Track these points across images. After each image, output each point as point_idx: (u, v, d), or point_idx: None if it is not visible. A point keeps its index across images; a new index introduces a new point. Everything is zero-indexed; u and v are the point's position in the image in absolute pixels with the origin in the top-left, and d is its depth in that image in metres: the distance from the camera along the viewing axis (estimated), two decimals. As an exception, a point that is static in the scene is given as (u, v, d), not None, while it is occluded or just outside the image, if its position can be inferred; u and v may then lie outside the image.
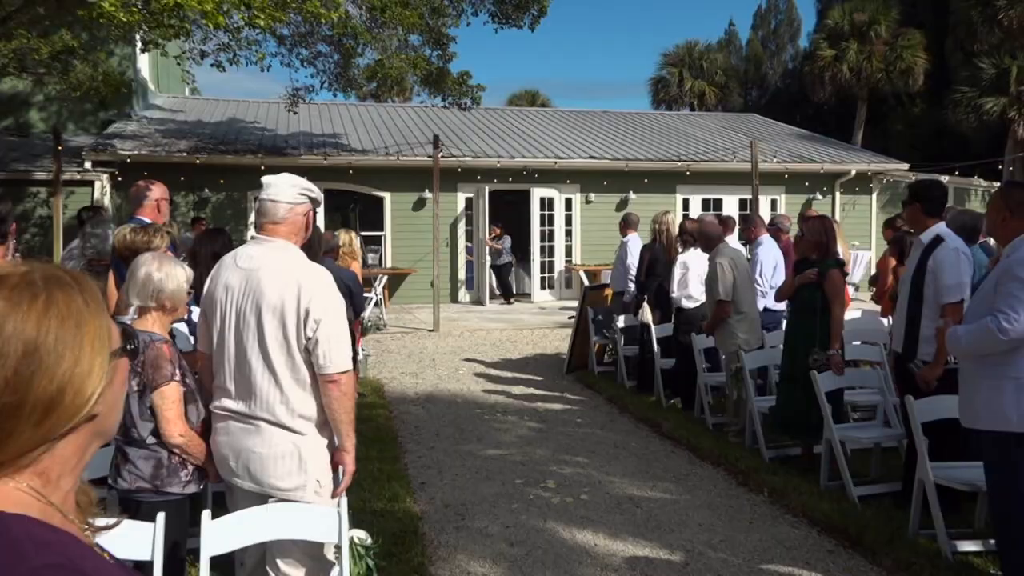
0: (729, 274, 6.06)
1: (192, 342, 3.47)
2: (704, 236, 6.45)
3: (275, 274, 2.67)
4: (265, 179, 2.80)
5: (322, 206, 3.08)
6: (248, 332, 2.67)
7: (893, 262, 6.56)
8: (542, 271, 17.16)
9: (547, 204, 16.37)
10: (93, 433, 0.92)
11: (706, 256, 7.15)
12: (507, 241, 16.31)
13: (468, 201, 16.17)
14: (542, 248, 16.43)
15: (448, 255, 15.82)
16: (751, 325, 6.17)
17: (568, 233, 16.67)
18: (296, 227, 2.78)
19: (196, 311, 3.32)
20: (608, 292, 9.40)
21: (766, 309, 6.95)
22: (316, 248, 3.37)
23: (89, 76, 12.24)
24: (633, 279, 8.36)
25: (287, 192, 2.76)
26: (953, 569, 3.73)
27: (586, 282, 14.79)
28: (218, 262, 2.89)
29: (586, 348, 9.10)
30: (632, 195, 16.65)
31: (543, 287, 16.52)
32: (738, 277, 6.11)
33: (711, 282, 6.21)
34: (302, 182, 2.82)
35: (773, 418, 5.54)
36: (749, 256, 7.37)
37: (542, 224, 16.20)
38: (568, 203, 16.59)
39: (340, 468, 2.75)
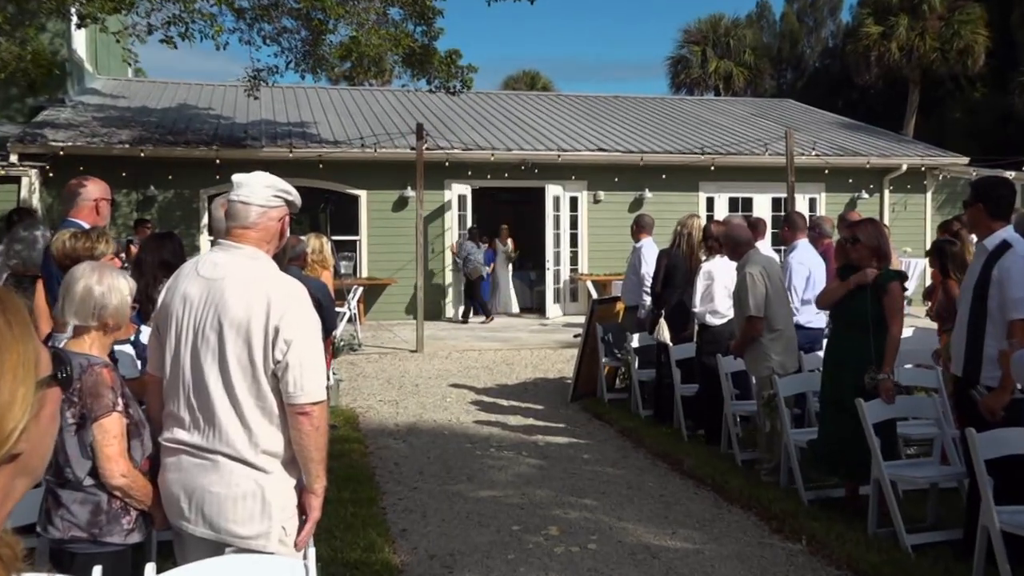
0: (761, 285, 6.04)
1: (139, 367, 3.48)
2: (731, 241, 6.41)
3: (242, 285, 2.68)
4: (236, 177, 2.83)
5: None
6: (207, 352, 2.68)
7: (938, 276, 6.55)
8: (540, 283, 17.21)
9: (552, 204, 16.49)
10: (16, 474, 0.91)
11: (734, 265, 7.20)
12: (499, 248, 16.40)
13: (457, 200, 16.29)
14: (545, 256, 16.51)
15: (435, 263, 15.96)
16: (787, 345, 6.17)
17: (573, 238, 16.80)
18: (268, 233, 2.80)
19: (146, 332, 3.32)
20: (619, 306, 9.41)
21: (799, 327, 6.95)
22: (280, 255, 3.38)
23: (15, 55, 12.27)
24: (648, 291, 8.41)
25: (260, 193, 2.78)
26: (1022, 630, 3.79)
27: (594, 294, 14.83)
28: (177, 270, 2.92)
29: (594, 372, 9.12)
30: (648, 193, 16.73)
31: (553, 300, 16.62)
32: (771, 289, 6.10)
33: (740, 295, 6.18)
34: (278, 182, 2.84)
35: (813, 453, 5.54)
36: (782, 263, 7.41)
37: (548, 227, 16.28)
38: (573, 203, 16.71)
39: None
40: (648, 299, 8.48)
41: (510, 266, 17.11)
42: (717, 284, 7.09)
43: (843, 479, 5.55)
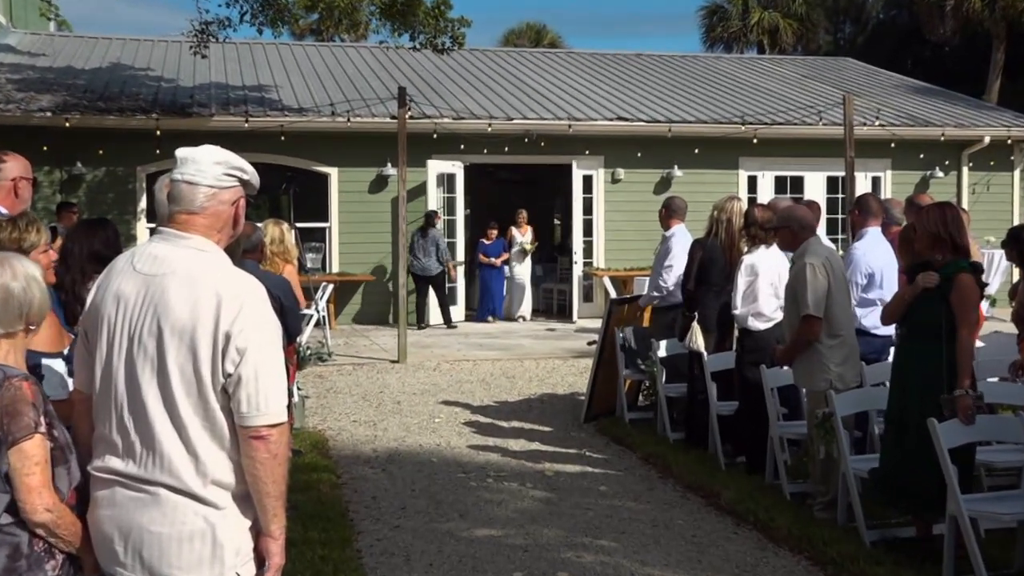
0: (823, 279, 5.99)
1: (70, 387, 3.47)
2: (793, 222, 6.34)
3: (187, 283, 2.68)
4: (181, 152, 2.82)
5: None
6: (145, 362, 2.67)
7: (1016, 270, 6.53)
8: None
9: (580, 183, 16.41)
10: None
11: (780, 257, 7.11)
12: (515, 239, 16.39)
13: (446, 180, 16.29)
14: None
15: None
16: (848, 354, 6.13)
17: (587, 225, 16.82)
18: (220, 220, 2.80)
19: None
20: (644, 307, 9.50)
21: (862, 333, 6.94)
22: (233, 247, 3.39)
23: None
24: (665, 282, 8.49)
25: (210, 171, 2.78)
26: None
27: (612, 293, 14.83)
28: (109, 264, 2.90)
29: (613, 386, 9.13)
30: (677, 171, 16.75)
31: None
32: (834, 285, 6.07)
33: (795, 289, 6.12)
34: (232, 158, 2.85)
35: (876, 485, 5.53)
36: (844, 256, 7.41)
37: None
38: (587, 183, 16.74)
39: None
40: (658, 291, 8.59)
41: (527, 260, 16.97)
42: (761, 281, 7.06)
43: (912, 516, 5.54)
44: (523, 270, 16.99)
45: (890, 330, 7.28)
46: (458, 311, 16.36)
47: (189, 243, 2.75)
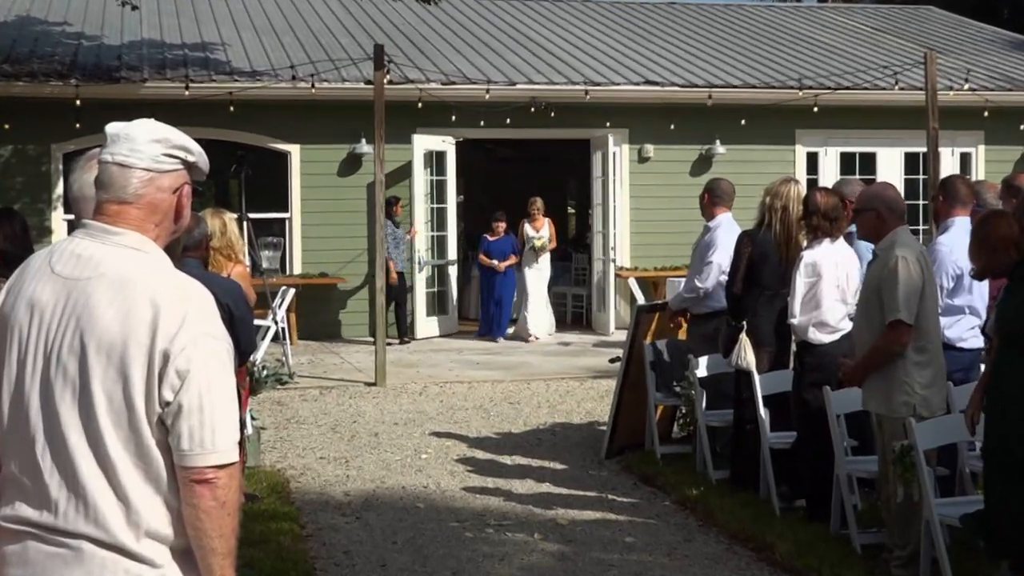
0: (917, 278, 5.97)
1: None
2: (879, 203, 6.22)
3: (117, 289, 2.65)
4: (111, 128, 2.80)
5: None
6: (65, 387, 2.64)
7: None
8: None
9: (604, 161, 16.36)
10: None
11: (848, 253, 7.09)
12: (527, 235, 16.20)
13: (434, 159, 16.24)
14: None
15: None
16: (936, 374, 6.09)
17: (609, 214, 16.69)
18: (158, 211, 2.79)
19: None
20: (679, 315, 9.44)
21: (947, 347, 6.90)
22: (174, 244, 3.41)
23: None
24: (702, 282, 8.51)
25: (147, 151, 2.75)
26: None
27: (640, 298, 14.83)
28: (20, 267, 2.89)
29: (640, 413, 9.12)
30: (720, 147, 16.81)
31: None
32: (927, 288, 6.06)
33: (879, 289, 6.05)
34: (175, 135, 2.84)
35: (970, 532, 5.51)
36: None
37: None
38: (607, 161, 16.58)
39: None
40: (692, 291, 8.61)
41: (544, 262, 16.47)
42: (825, 283, 7.00)
43: (1017, 572, 5.51)
44: (537, 276, 16.40)
45: (979, 342, 7.29)
46: (448, 323, 16.38)
47: (120, 240, 2.72)
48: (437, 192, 16.33)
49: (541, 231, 16.44)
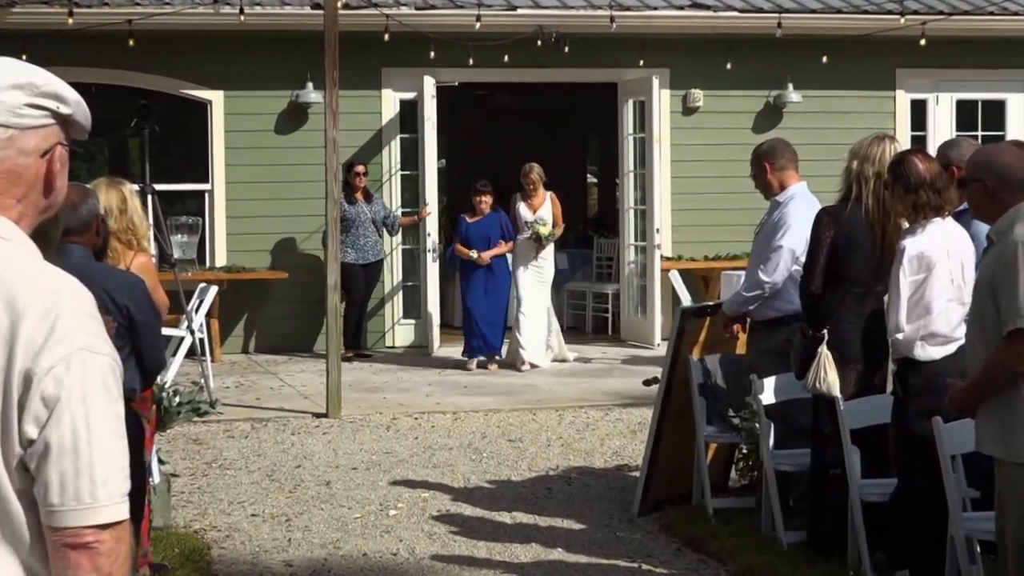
0: None
1: None
2: (990, 172, 6.04)
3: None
4: None
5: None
6: None
7: None
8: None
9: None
10: None
11: (962, 236, 7.10)
12: (521, 217, 15.46)
13: (407, 111, 16.18)
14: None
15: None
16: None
17: (643, 184, 16.66)
18: (21, 180, 2.68)
19: None
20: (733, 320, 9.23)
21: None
22: (47, 225, 3.41)
23: None
24: (770, 278, 8.49)
25: (4, 100, 2.65)
26: None
27: (685, 299, 14.76)
28: None
29: (686, 454, 9.07)
30: (792, 94, 16.60)
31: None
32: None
33: (995, 285, 5.86)
34: (44, 79, 2.67)
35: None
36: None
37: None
38: (641, 112, 16.51)
39: None
40: (756, 289, 8.52)
41: (548, 255, 15.58)
42: (936, 278, 6.96)
43: None
44: (534, 278, 15.44)
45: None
46: (426, 331, 16.10)
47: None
48: (410, 154, 16.16)
49: (541, 211, 15.58)
